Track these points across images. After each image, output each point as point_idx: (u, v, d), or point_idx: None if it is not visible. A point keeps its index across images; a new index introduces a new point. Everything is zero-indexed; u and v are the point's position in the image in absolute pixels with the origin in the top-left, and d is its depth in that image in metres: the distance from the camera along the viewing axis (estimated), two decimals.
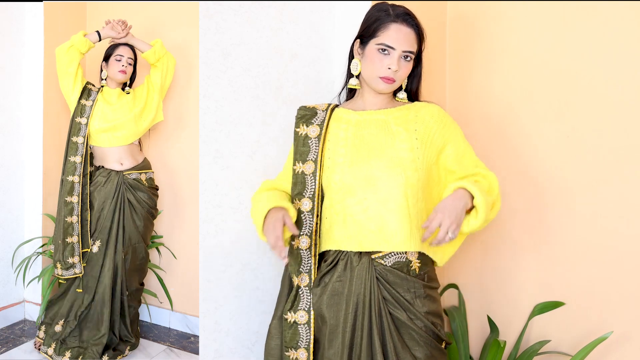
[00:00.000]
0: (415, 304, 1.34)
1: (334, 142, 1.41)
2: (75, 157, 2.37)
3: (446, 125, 1.41)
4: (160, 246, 2.81)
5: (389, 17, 1.34)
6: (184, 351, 2.58)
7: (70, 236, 2.35)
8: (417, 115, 1.40)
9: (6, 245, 2.78)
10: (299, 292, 1.41)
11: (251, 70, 1.66)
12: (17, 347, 2.54)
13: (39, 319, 2.62)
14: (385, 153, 1.35)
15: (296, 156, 1.44)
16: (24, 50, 2.82)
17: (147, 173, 2.51)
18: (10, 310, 2.81)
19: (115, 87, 2.49)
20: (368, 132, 1.39)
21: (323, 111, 1.46)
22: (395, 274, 1.34)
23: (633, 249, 1.66)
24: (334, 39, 1.81)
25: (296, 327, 1.40)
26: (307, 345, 1.39)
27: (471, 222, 1.32)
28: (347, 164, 1.37)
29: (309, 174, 1.42)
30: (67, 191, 2.35)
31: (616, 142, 1.68)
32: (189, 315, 2.78)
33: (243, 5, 1.63)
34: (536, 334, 1.85)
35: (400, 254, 1.35)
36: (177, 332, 2.79)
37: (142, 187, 2.45)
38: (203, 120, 1.58)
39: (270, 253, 1.73)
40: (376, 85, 1.38)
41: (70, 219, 2.35)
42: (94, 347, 2.31)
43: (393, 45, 1.33)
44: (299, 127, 1.46)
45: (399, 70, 1.35)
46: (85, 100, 2.40)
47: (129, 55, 2.45)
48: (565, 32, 1.76)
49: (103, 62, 2.48)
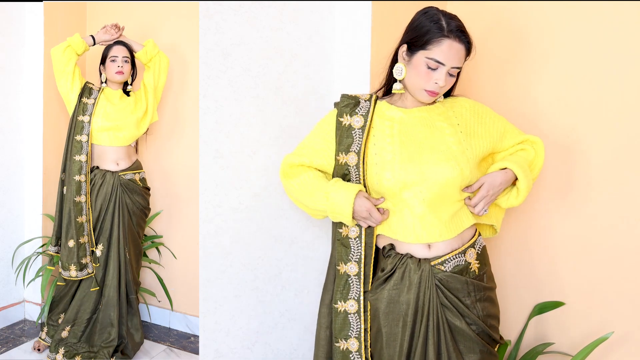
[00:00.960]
0: (475, 308, 1.35)
1: (380, 138, 1.41)
2: (80, 156, 2.35)
3: (480, 114, 1.44)
4: (160, 246, 2.81)
5: (442, 32, 1.29)
6: (184, 351, 2.58)
7: (82, 236, 2.35)
8: (453, 110, 1.43)
9: (6, 245, 2.78)
10: (349, 281, 1.41)
11: (251, 70, 1.65)
12: (17, 347, 2.54)
13: (39, 319, 2.62)
14: (437, 148, 1.36)
15: (340, 146, 1.43)
16: (24, 50, 2.82)
17: (140, 173, 2.52)
18: (10, 310, 2.81)
19: (117, 89, 2.49)
20: (414, 129, 1.39)
21: (366, 101, 1.45)
22: (456, 279, 1.35)
23: (633, 249, 1.66)
24: (334, 39, 1.81)
25: (346, 317, 1.40)
26: (357, 334, 1.39)
27: (510, 200, 1.42)
28: (398, 162, 1.36)
29: (353, 166, 1.41)
30: (76, 190, 2.33)
31: (616, 141, 1.68)
32: (189, 315, 2.78)
33: (243, 5, 1.63)
34: (536, 334, 1.85)
35: (459, 257, 1.36)
36: (177, 332, 2.79)
37: (136, 188, 2.46)
38: (203, 120, 1.58)
39: (271, 252, 1.73)
40: (419, 96, 1.37)
41: (80, 219, 2.34)
42: (104, 350, 2.31)
43: (444, 61, 1.30)
44: (342, 116, 1.44)
45: (445, 85, 1.34)
46: (87, 98, 2.39)
47: (124, 54, 2.44)
48: (566, 31, 1.76)
49: (100, 65, 2.48)
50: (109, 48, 2.44)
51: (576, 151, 1.75)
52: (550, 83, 1.79)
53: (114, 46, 2.44)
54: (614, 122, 1.68)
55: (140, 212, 2.50)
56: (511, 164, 1.38)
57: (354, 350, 1.39)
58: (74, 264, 2.32)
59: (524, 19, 1.84)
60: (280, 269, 1.76)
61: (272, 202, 1.72)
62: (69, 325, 2.37)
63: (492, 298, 1.41)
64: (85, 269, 2.35)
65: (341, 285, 1.41)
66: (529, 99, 1.83)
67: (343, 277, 1.42)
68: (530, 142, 1.48)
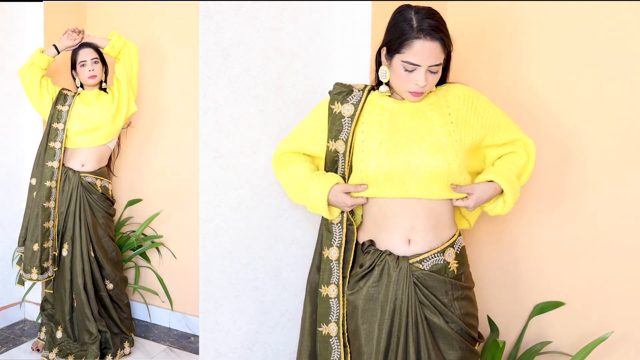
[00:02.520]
0: (452, 306, 1.35)
1: (369, 126, 1.41)
2: (52, 162, 2.37)
3: (473, 103, 1.41)
4: (160, 246, 2.81)
5: (412, 32, 1.28)
6: (184, 351, 2.58)
7: (47, 241, 2.38)
8: (446, 99, 1.41)
9: (6, 245, 2.78)
10: (330, 266, 1.43)
11: (251, 70, 1.65)
12: (17, 347, 2.54)
13: (39, 319, 2.62)
14: (425, 139, 1.35)
15: (330, 133, 1.44)
16: (24, 50, 2.81)
17: (103, 181, 2.49)
18: (10, 310, 2.81)
19: (93, 89, 2.49)
20: (404, 119, 1.39)
21: (360, 91, 1.45)
22: (433, 277, 1.35)
23: (633, 249, 1.66)
24: (334, 39, 1.81)
25: (328, 301, 1.42)
26: (337, 319, 1.40)
27: (497, 210, 1.42)
28: (384, 151, 1.36)
29: (341, 153, 1.42)
30: (45, 196, 2.36)
31: (616, 141, 1.68)
32: (189, 315, 2.78)
33: (243, 5, 1.63)
34: (536, 334, 1.85)
35: (437, 256, 1.36)
36: (177, 332, 2.79)
37: (95, 192, 2.45)
38: (203, 120, 1.58)
39: (271, 252, 1.73)
40: (406, 97, 1.38)
41: (47, 224, 2.37)
42: (92, 346, 2.33)
43: (418, 62, 1.29)
44: (334, 104, 1.44)
45: (427, 84, 1.33)
46: (62, 105, 2.40)
47: (92, 56, 2.42)
48: (565, 32, 1.76)
49: (72, 70, 2.47)
50: (76, 52, 2.42)
51: (576, 150, 1.75)
52: (551, 82, 1.79)
53: (80, 50, 2.41)
54: (614, 122, 1.68)
55: (105, 212, 2.48)
56: (498, 178, 1.37)
57: (333, 335, 1.41)
58: (36, 267, 2.35)
59: (524, 18, 1.84)
60: (280, 269, 1.76)
61: (272, 202, 1.72)
62: (59, 325, 2.41)
63: (470, 297, 1.40)
64: (46, 272, 2.38)
65: (326, 270, 1.43)
66: (529, 95, 1.83)
67: (327, 262, 1.43)
68: (523, 143, 1.45)
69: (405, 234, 1.38)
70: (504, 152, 1.47)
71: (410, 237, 1.37)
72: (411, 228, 1.37)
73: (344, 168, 1.42)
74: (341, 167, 1.43)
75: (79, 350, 2.35)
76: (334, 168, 1.45)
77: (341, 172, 1.44)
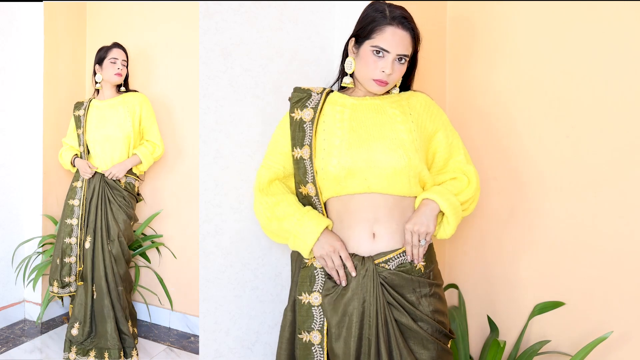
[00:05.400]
0: (420, 304, 1.34)
1: (330, 124, 1.40)
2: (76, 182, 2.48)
3: (433, 113, 1.45)
4: (161, 246, 2.81)
5: (385, 20, 1.32)
6: (184, 351, 2.58)
7: (68, 256, 2.41)
8: (408, 102, 1.44)
9: (6, 245, 2.78)
10: (314, 273, 1.40)
11: (251, 70, 1.66)
12: (17, 347, 2.54)
13: (39, 319, 2.63)
14: (386, 135, 1.35)
15: (293, 141, 1.42)
16: (24, 51, 2.81)
17: (128, 177, 2.51)
18: (10, 310, 2.81)
19: (110, 89, 2.52)
20: (365, 115, 1.39)
21: (318, 94, 1.45)
22: (400, 276, 1.34)
23: (633, 249, 1.66)
24: (334, 39, 1.81)
25: (310, 309, 1.39)
26: (320, 327, 1.37)
27: (444, 230, 1.40)
28: (346, 147, 1.35)
29: (307, 159, 1.40)
30: (68, 214, 2.44)
31: (616, 142, 1.68)
32: (189, 315, 2.78)
33: (243, 5, 1.63)
34: (536, 334, 1.85)
35: (402, 255, 1.35)
36: (177, 332, 2.79)
37: (117, 188, 2.46)
38: (203, 120, 1.58)
39: (270, 252, 1.73)
40: (369, 87, 1.38)
41: (69, 240, 2.42)
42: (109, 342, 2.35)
43: (388, 48, 1.32)
44: (293, 111, 1.44)
45: (393, 73, 1.34)
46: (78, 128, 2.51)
47: (123, 57, 2.48)
48: (565, 31, 1.76)
49: (96, 65, 2.48)
50: (108, 50, 2.46)
51: (576, 150, 1.75)
52: (551, 82, 1.79)
53: (114, 48, 2.46)
54: (614, 122, 1.68)
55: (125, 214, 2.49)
56: (431, 194, 1.36)
57: (316, 343, 1.38)
58: (56, 281, 2.40)
59: (523, 18, 1.85)
60: (280, 269, 1.76)
61: None
62: (76, 322, 2.40)
63: (439, 294, 1.39)
64: (68, 287, 2.43)
65: (307, 278, 1.40)
66: (528, 95, 1.84)
67: (310, 269, 1.41)
68: (462, 173, 1.45)
69: (369, 226, 1.36)
70: (444, 178, 1.46)
71: (375, 230, 1.36)
72: (375, 220, 1.36)
73: (313, 172, 1.39)
74: (310, 173, 1.40)
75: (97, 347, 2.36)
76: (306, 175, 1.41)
77: (311, 177, 1.40)
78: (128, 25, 2.92)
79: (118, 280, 2.45)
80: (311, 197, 1.42)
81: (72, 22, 2.99)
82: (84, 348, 2.36)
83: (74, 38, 3.02)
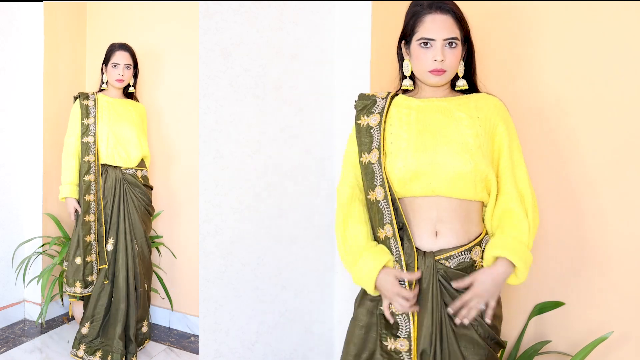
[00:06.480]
0: None
1: (397, 127, 1.39)
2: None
3: (506, 119, 1.40)
4: (160, 246, 2.81)
5: (423, 10, 1.33)
6: (184, 351, 2.59)
7: (89, 255, 2.38)
8: (477, 104, 1.39)
9: (6, 245, 2.78)
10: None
11: (251, 70, 1.65)
12: (17, 347, 2.54)
13: (39, 319, 2.62)
14: (452, 139, 1.33)
15: (361, 147, 1.41)
16: (24, 51, 2.82)
17: (143, 171, 2.52)
18: (10, 310, 2.81)
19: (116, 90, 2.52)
20: (431, 117, 1.37)
21: (382, 99, 1.44)
22: (459, 275, 1.32)
23: (633, 249, 1.66)
24: (334, 39, 1.81)
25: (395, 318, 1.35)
26: (407, 334, 1.33)
27: (511, 280, 1.36)
28: (411, 150, 1.34)
29: (375, 162, 1.38)
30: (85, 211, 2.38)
31: (616, 142, 1.68)
32: (189, 315, 2.78)
33: (243, 5, 1.63)
34: (536, 334, 1.85)
35: (464, 254, 1.34)
36: (177, 332, 2.79)
37: (138, 184, 2.47)
38: (203, 120, 1.58)
39: (271, 252, 1.73)
40: (428, 80, 1.36)
41: (89, 238, 2.38)
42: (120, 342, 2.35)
43: (432, 36, 1.31)
44: (359, 119, 1.43)
45: (445, 59, 1.32)
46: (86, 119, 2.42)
47: (126, 61, 2.45)
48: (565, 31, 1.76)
49: (103, 64, 2.48)
50: (112, 51, 2.45)
51: (577, 150, 1.75)
52: (552, 82, 1.79)
53: (117, 51, 2.44)
54: (615, 122, 1.68)
55: (145, 209, 2.51)
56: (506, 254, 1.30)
57: (404, 350, 1.33)
58: (79, 281, 2.36)
59: (526, 18, 1.84)
60: (280, 269, 1.76)
61: (272, 202, 1.72)
62: (87, 322, 2.39)
63: None
64: (91, 285, 2.39)
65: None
66: (529, 95, 1.83)
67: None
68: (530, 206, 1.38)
69: (432, 224, 1.35)
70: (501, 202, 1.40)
71: (438, 228, 1.35)
72: (438, 219, 1.35)
73: (382, 175, 1.37)
74: (379, 176, 1.38)
75: (105, 346, 2.37)
76: (374, 179, 1.39)
77: (380, 180, 1.38)
78: (128, 25, 2.92)
79: (138, 282, 2.44)
80: (379, 202, 1.38)
81: (72, 22, 2.99)
82: (92, 347, 2.36)
83: (74, 38, 3.02)
